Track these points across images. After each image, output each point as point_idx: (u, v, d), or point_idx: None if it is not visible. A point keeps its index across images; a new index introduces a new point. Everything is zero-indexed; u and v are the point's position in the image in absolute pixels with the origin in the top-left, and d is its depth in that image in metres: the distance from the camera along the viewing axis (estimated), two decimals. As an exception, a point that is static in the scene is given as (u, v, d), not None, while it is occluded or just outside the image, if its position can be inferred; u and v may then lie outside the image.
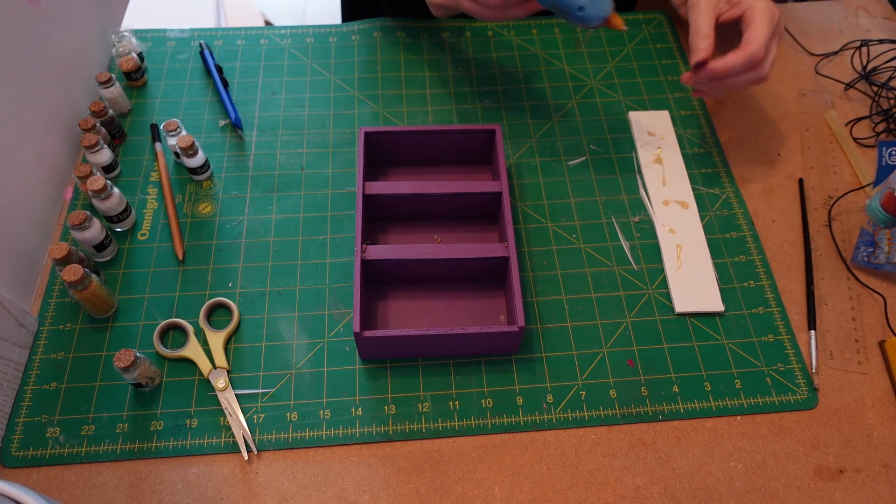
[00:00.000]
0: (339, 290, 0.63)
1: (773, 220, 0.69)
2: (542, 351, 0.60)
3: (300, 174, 0.70)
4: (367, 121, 0.75)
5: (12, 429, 0.55)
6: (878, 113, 0.75)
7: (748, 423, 0.57)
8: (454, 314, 0.61)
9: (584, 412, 0.57)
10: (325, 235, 0.66)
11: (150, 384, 0.56)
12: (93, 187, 0.60)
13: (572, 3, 0.60)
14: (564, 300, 0.63)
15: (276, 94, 0.77)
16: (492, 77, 0.79)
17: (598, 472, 0.54)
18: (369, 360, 0.59)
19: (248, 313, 0.61)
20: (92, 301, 0.58)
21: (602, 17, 0.61)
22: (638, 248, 0.66)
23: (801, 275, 0.65)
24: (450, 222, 0.67)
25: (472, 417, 0.56)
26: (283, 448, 0.55)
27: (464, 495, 0.53)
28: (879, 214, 0.65)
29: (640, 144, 0.73)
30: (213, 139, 0.73)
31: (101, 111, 0.68)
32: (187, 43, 0.81)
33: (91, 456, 0.54)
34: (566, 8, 0.60)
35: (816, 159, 0.73)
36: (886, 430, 0.57)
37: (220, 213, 0.67)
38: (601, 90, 0.78)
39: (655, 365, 0.59)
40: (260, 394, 0.57)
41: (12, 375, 0.56)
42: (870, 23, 0.86)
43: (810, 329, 0.61)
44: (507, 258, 0.59)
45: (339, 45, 0.81)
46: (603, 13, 0.60)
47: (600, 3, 0.60)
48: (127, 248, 0.65)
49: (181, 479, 0.53)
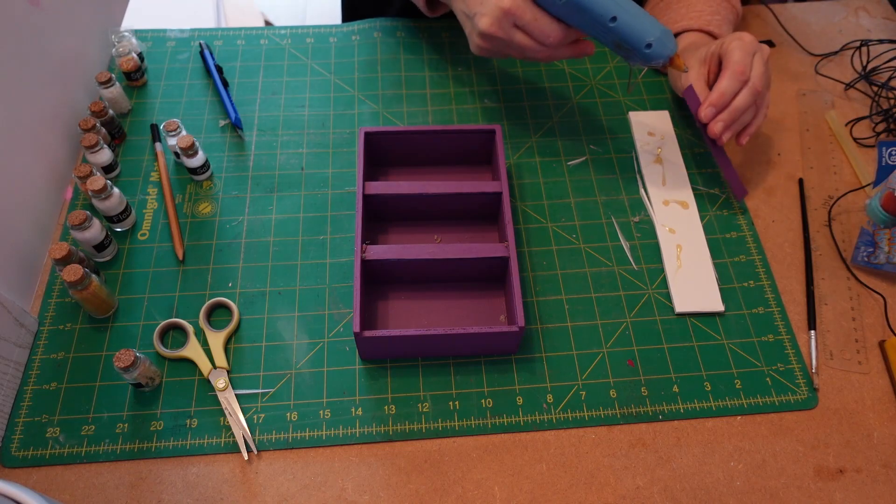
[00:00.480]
0: (339, 290, 0.63)
1: (773, 220, 0.69)
2: (542, 351, 0.60)
3: (300, 174, 0.70)
4: (367, 121, 0.75)
5: (12, 429, 0.55)
6: (878, 113, 0.75)
7: (748, 423, 0.57)
8: (454, 314, 0.61)
9: (584, 412, 0.57)
10: (325, 235, 0.66)
11: (150, 384, 0.56)
12: (93, 187, 0.60)
13: (640, 40, 0.58)
14: (564, 300, 0.63)
15: (276, 94, 0.77)
16: (492, 77, 0.79)
17: (598, 472, 0.54)
18: (369, 360, 0.59)
19: (248, 313, 0.61)
20: (92, 301, 0.58)
21: (668, 56, 0.60)
22: (638, 248, 0.66)
23: (801, 275, 0.65)
24: (450, 222, 0.67)
25: (472, 417, 0.56)
26: (283, 448, 0.55)
27: (464, 495, 0.53)
28: (879, 214, 0.65)
29: (640, 144, 0.73)
30: (213, 139, 0.73)
31: (101, 111, 0.68)
32: (187, 43, 0.81)
33: (91, 456, 0.54)
34: (632, 45, 0.59)
35: (816, 159, 0.73)
36: (886, 430, 0.57)
37: (220, 213, 0.67)
38: (601, 90, 0.78)
39: (655, 365, 0.59)
40: (260, 394, 0.57)
41: (12, 375, 0.56)
42: (870, 23, 0.86)
43: (810, 329, 0.61)
44: (507, 258, 0.59)
45: (339, 45, 0.81)
46: (669, 52, 0.59)
47: (666, 42, 0.59)
48: (127, 248, 0.65)
49: (181, 479, 0.53)
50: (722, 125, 0.63)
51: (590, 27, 0.59)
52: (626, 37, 0.58)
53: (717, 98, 0.62)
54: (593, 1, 0.57)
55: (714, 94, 0.63)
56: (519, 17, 0.59)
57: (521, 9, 0.59)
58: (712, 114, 0.63)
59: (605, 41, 0.60)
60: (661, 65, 0.60)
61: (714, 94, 0.63)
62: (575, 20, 0.59)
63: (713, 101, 0.63)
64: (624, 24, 0.58)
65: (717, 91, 0.62)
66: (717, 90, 0.63)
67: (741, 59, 0.62)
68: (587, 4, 0.57)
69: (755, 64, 0.63)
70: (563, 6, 0.58)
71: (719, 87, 0.62)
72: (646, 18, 0.59)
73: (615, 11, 0.58)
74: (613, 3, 0.58)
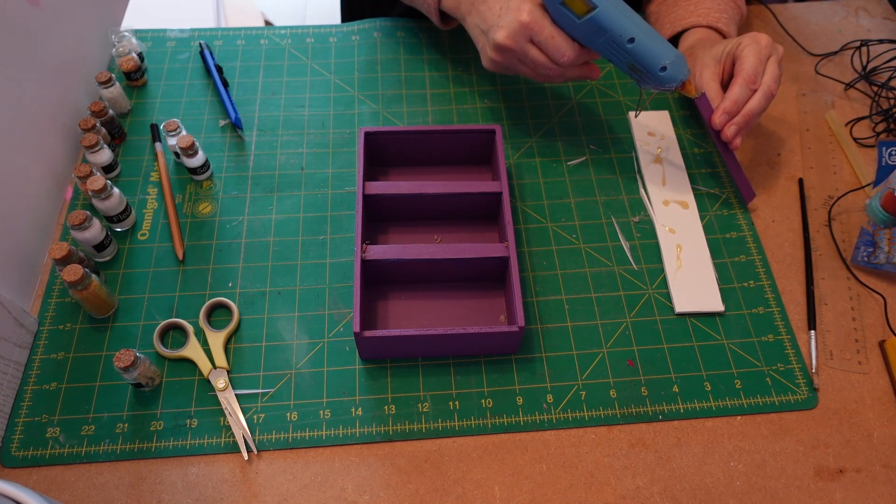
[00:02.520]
0: (339, 290, 0.63)
1: (773, 220, 0.69)
2: (542, 351, 0.60)
3: (300, 174, 0.70)
4: (367, 121, 0.75)
5: (12, 429, 0.55)
6: (878, 113, 0.75)
7: (748, 423, 0.57)
8: (454, 314, 0.61)
9: (584, 412, 0.57)
10: (325, 235, 0.66)
11: (150, 384, 0.56)
12: (93, 187, 0.60)
13: (655, 63, 0.58)
14: (564, 300, 0.63)
15: (276, 94, 0.77)
16: (492, 77, 0.79)
17: (598, 472, 0.54)
18: (369, 360, 0.59)
19: (248, 313, 0.61)
20: (92, 301, 0.58)
21: (681, 81, 0.60)
22: (638, 248, 0.66)
23: (801, 275, 0.65)
24: (450, 222, 0.67)
25: (472, 417, 0.56)
26: (283, 448, 0.55)
27: (464, 495, 0.53)
28: (879, 214, 0.65)
29: (640, 144, 0.73)
30: (213, 139, 0.73)
31: (101, 111, 0.68)
32: (187, 43, 0.81)
33: (91, 456, 0.54)
34: (647, 68, 0.59)
35: (816, 159, 0.73)
36: (886, 430, 0.57)
37: (220, 213, 0.67)
38: (601, 90, 0.78)
39: (655, 365, 0.59)
40: (260, 394, 0.57)
41: (12, 375, 0.56)
42: (870, 23, 0.86)
43: (810, 329, 0.61)
44: (507, 258, 0.59)
45: (339, 45, 0.81)
46: (683, 76, 0.60)
47: (681, 66, 0.59)
48: (127, 248, 0.65)
49: (181, 479, 0.53)
50: (735, 129, 0.63)
51: (606, 48, 0.59)
52: (642, 59, 0.59)
53: (731, 105, 0.63)
54: (613, 21, 0.57)
55: (727, 102, 0.63)
56: (537, 32, 0.59)
57: (540, 24, 0.59)
58: (725, 120, 0.63)
59: (620, 63, 0.60)
60: (673, 88, 0.61)
61: (727, 102, 0.63)
62: (593, 40, 0.59)
63: (727, 109, 0.63)
64: (642, 45, 0.58)
65: (730, 99, 0.63)
66: (729, 98, 0.63)
67: (754, 68, 0.63)
68: (607, 25, 0.57)
69: (769, 68, 0.63)
70: (583, 24, 0.58)
71: (732, 95, 0.63)
72: (661, 42, 0.59)
73: (634, 33, 0.58)
74: (632, 25, 0.58)
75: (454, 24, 0.75)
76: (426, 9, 0.72)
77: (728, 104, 0.63)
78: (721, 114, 0.63)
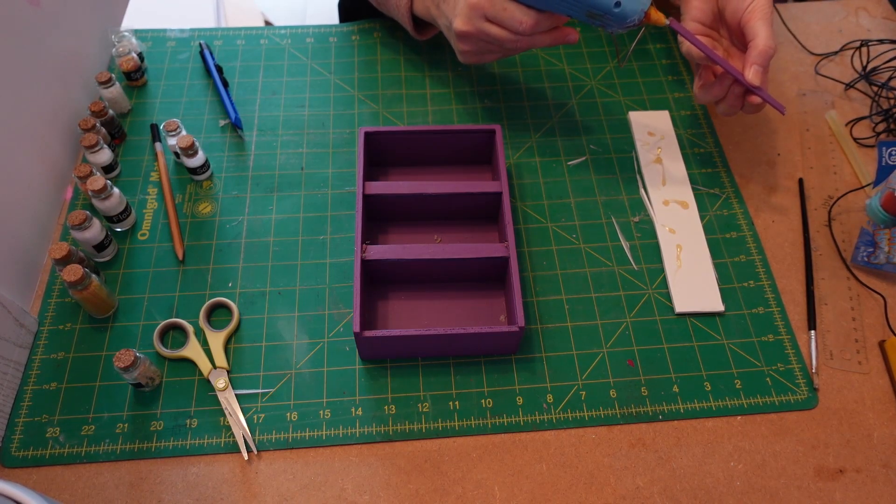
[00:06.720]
0: (339, 290, 0.63)
1: (773, 220, 0.69)
2: (542, 351, 0.60)
3: (300, 174, 0.70)
4: (367, 121, 0.75)
5: (12, 429, 0.55)
6: (878, 113, 0.75)
7: (748, 423, 0.57)
8: (454, 314, 0.61)
9: (584, 412, 0.57)
10: (325, 235, 0.66)
11: (150, 384, 0.56)
12: (93, 187, 0.60)
13: (608, 1, 0.56)
14: (564, 300, 0.63)
15: (276, 94, 0.77)
16: (492, 77, 0.79)
17: (598, 472, 0.54)
18: (369, 360, 0.59)
19: (248, 313, 0.61)
20: (92, 301, 0.58)
21: (642, 11, 0.57)
22: (638, 248, 0.66)
23: (801, 275, 0.65)
24: (450, 222, 0.67)
25: (472, 417, 0.56)
26: (283, 448, 0.55)
27: (464, 495, 0.53)
28: (879, 214, 0.65)
29: (640, 144, 0.73)
30: (213, 139, 0.73)
31: (101, 111, 0.68)
32: (187, 43, 0.81)
33: (91, 456, 0.54)
34: (601, 9, 0.57)
35: (816, 159, 0.73)
36: (886, 430, 0.57)
37: (220, 213, 0.67)
38: (601, 90, 0.78)
39: (655, 365, 0.59)
40: (260, 394, 0.57)
41: (12, 375, 0.56)
42: (870, 23, 0.86)
43: (810, 329, 0.61)
44: (507, 258, 0.59)
45: (339, 45, 0.81)
46: (641, 6, 0.57)
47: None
48: (127, 248, 0.65)
49: (181, 479, 0.53)
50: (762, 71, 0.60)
51: (558, 4, 0.58)
52: (594, 1, 0.57)
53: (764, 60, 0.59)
54: None
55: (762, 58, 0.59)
56: (488, 8, 0.59)
57: (490, 1, 0.59)
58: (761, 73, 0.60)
59: (578, 16, 0.59)
60: (636, 22, 0.58)
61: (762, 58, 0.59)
62: (544, 1, 0.59)
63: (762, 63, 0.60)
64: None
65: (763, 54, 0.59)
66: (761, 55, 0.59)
67: (768, 38, 0.60)
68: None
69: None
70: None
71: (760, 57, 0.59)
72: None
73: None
74: None
75: (431, 33, 0.75)
76: (401, 18, 0.73)
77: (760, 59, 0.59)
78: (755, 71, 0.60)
